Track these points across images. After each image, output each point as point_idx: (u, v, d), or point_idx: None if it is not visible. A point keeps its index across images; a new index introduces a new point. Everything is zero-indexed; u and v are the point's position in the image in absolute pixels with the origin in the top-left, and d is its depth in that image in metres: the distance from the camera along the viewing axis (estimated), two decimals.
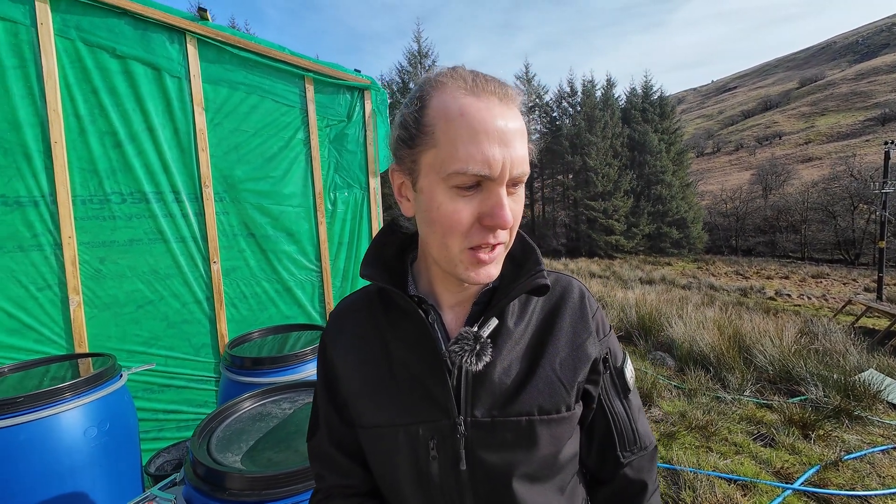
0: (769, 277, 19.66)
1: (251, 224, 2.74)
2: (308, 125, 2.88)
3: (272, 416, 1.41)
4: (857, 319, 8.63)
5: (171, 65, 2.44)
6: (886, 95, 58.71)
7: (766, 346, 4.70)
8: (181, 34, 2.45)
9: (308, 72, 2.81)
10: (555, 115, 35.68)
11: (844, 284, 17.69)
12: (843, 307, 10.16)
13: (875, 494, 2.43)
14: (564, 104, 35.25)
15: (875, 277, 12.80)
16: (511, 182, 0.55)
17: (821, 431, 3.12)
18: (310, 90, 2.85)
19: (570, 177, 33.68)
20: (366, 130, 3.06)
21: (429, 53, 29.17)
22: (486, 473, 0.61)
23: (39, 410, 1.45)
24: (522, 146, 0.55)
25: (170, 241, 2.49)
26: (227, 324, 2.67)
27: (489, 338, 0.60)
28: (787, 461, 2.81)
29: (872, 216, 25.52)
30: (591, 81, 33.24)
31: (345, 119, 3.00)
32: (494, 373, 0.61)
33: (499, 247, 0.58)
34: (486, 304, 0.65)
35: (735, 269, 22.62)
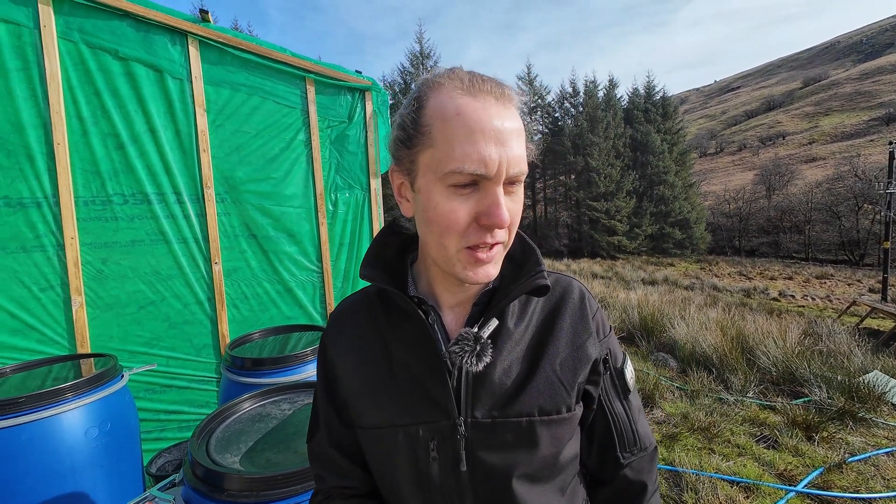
0: (773, 278, 19.59)
1: (252, 225, 2.75)
2: (309, 126, 2.88)
3: (272, 417, 1.41)
4: (862, 320, 8.59)
5: (173, 66, 2.45)
6: (891, 95, 58.37)
7: (770, 348, 4.67)
8: (183, 36, 2.46)
9: (309, 73, 2.82)
10: (557, 116, 35.62)
11: (849, 285, 17.61)
12: (848, 308, 10.11)
13: (879, 497, 2.41)
14: (566, 104, 35.19)
15: (880, 278, 12.74)
16: (508, 181, 0.55)
17: (824, 433, 3.10)
18: (311, 91, 2.86)
19: (573, 177, 33.57)
20: (367, 131, 3.07)
21: (430, 54, 29.24)
22: (487, 474, 0.60)
23: (41, 411, 1.46)
24: (520, 145, 0.54)
25: (171, 242, 2.49)
26: (229, 324, 2.67)
27: (489, 338, 0.60)
28: (791, 463, 2.79)
29: (877, 216, 25.38)
30: (594, 82, 33.19)
31: (346, 120, 3.01)
32: (495, 373, 0.61)
33: (497, 246, 0.57)
34: (486, 305, 0.65)
35: (738, 270, 22.54)
